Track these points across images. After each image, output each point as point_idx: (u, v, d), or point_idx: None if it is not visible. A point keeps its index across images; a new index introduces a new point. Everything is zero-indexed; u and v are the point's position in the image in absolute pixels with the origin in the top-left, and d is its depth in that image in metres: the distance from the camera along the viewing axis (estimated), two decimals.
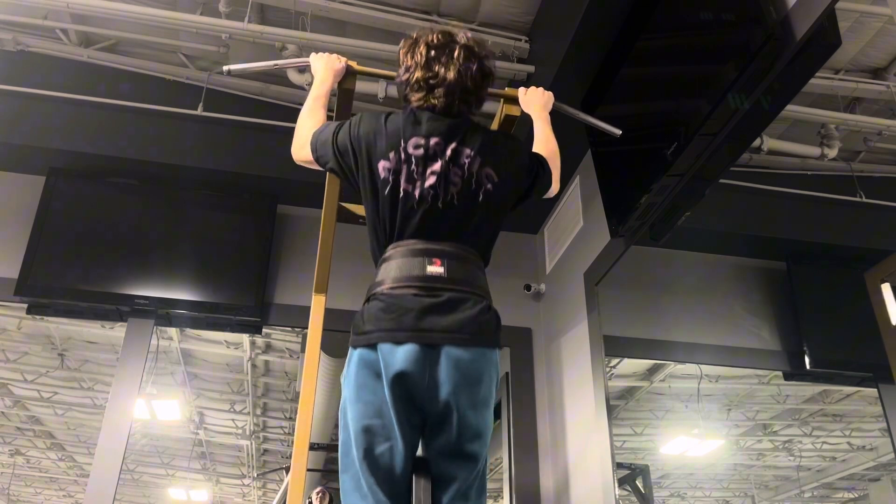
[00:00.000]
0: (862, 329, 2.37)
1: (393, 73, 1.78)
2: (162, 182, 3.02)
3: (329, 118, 1.71)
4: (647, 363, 3.26)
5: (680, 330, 2.88)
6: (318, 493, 5.34)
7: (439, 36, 1.59)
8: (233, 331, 3.03)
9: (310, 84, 1.78)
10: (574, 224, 2.94)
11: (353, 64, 1.82)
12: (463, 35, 1.61)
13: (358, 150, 1.54)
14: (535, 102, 1.85)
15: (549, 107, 1.88)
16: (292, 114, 3.10)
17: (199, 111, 2.99)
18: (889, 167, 2.58)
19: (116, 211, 2.95)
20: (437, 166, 1.50)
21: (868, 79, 2.43)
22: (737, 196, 2.55)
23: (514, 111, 1.88)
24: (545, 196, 1.74)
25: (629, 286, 2.81)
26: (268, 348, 5.32)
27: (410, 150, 1.51)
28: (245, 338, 5.07)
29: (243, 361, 5.49)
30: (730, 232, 2.71)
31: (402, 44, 1.64)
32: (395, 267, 1.47)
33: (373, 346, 1.41)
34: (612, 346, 2.61)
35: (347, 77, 1.81)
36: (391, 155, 1.51)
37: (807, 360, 2.68)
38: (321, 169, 1.66)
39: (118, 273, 2.82)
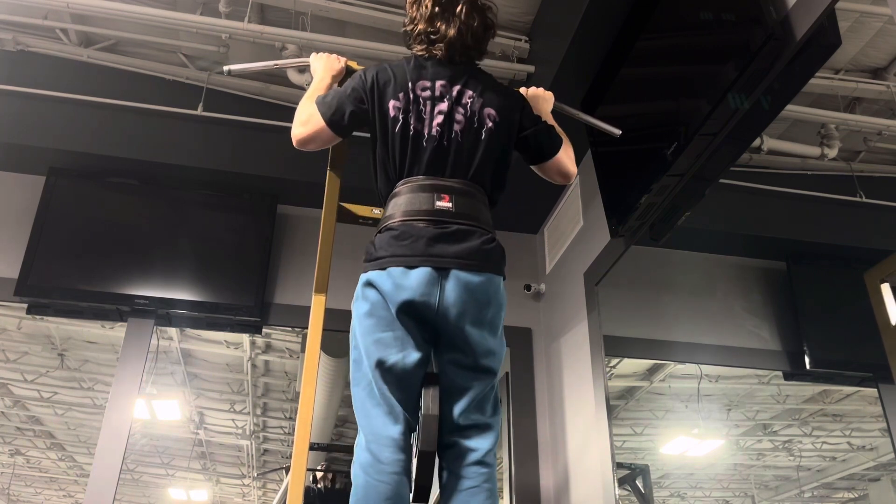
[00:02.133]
0: (862, 329, 2.37)
1: None
2: (162, 182, 3.02)
3: None
4: (647, 363, 3.27)
5: (680, 330, 2.88)
6: (321, 468, 5.32)
7: None
8: (233, 331, 3.03)
9: (309, 84, 1.79)
10: (574, 224, 2.94)
11: (353, 64, 1.83)
12: None
13: (369, 94, 1.61)
14: (536, 103, 1.85)
15: (550, 107, 1.89)
16: (293, 114, 3.09)
17: (199, 111, 2.99)
18: (889, 167, 2.58)
19: (116, 211, 2.95)
20: (443, 106, 1.60)
21: (868, 79, 2.43)
22: (737, 196, 2.55)
23: None
24: (563, 179, 1.76)
25: (629, 286, 2.81)
26: (268, 348, 5.32)
27: (418, 91, 1.60)
28: (245, 338, 5.07)
29: (243, 361, 5.49)
30: (730, 232, 2.71)
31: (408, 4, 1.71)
32: (405, 201, 1.55)
33: (384, 269, 1.50)
34: (612, 346, 2.61)
35: (347, 77, 1.81)
36: (400, 96, 1.60)
37: (807, 360, 2.68)
38: (322, 146, 1.66)
39: (118, 273, 2.82)
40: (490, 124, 1.61)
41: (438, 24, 1.64)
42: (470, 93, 1.62)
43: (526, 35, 2.90)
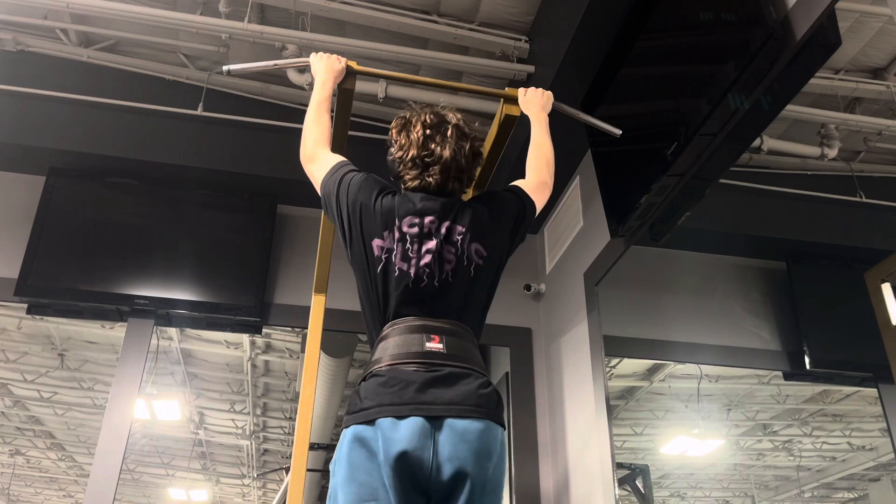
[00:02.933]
0: (862, 329, 2.37)
1: (393, 74, 1.79)
2: (162, 182, 3.02)
3: (330, 118, 1.73)
4: (647, 363, 3.26)
5: (680, 330, 2.88)
6: None
7: (432, 116, 1.60)
8: (233, 331, 3.03)
9: (310, 84, 1.79)
10: (574, 224, 2.94)
11: (353, 64, 1.83)
12: (453, 115, 1.62)
13: (353, 217, 1.54)
14: (535, 103, 1.86)
15: (549, 107, 1.89)
16: (292, 114, 3.11)
17: (199, 111, 2.99)
18: (889, 167, 2.58)
19: (116, 211, 2.95)
20: (431, 244, 1.50)
21: (868, 79, 2.43)
22: (737, 196, 2.55)
23: (514, 111, 1.88)
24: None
25: (629, 286, 2.81)
26: (268, 348, 5.32)
27: (405, 228, 1.51)
28: (245, 338, 5.07)
29: (243, 361, 5.49)
30: (730, 232, 2.70)
31: (393, 122, 1.65)
32: (393, 345, 1.44)
33: (371, 423, 1.35)
34: (612, 346, 2.61)
35: (347, 77, 1.81)
36: (385, 234, 1.51)
37: (807, 360, 2.68)
38: None
39: (118, 273, 2.82)
40: (478, 261, 1.53)
41: (432, 146, 1.56)
42: (460, 228, 1.53)
43: (526, 35, 2.90)
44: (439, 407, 1.35)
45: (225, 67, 1.84)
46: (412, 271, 1.48)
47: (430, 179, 1.56)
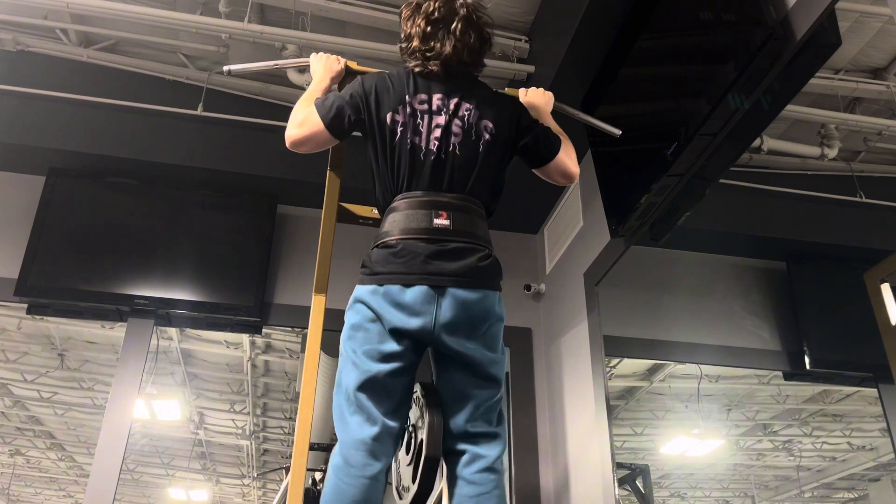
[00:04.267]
0: (862, 329, 2.37)
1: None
2: (162, 182, 3.02)
3: None
4: (647, 363, 3.26)
5: (680, 330, 2.88)
6: (321, 476, 5.33)
7: (440, 7, 1.64)
8: (233, 331, 3.03)
9: (309, 84, 1.79)
10: (574, 224, 2.94)
11: (353, 64, 1.83)
12: (462, 4, 1.66)
13: (366, 103, 1.61)
14: (536, 103, 1.85)
15: (550, 107, 1.89)
16: None
17: (199, 111, 2.99)
18: (889, 167, 2.58)
19: (116, 211, 2.95)
20: (440, 119, 1.59)
21: (868, 79, 2.43)
22: (737, 196, 2.55)
23: None
24: (566, 180, 1.75)
25: (629, 286, 2.81)
26: (268, 348, 5.32)
27: (416, 105, 1.60)
28: (245, 338, 5.07)
29: (243, 361, 5.49)
30: (730, 232, 2.70)
31: (402, 8, 1.71)
32: (403, 218, 1.55)
33: (381, 286, 1.50)
34: (612, 346, 2.61)
35: (346, 77, 1.81)
36: (399, 109, 1.59)
37: (807, 360, 2.68)
38: (316, 148, 1.65)
39: (118, 273, 2.82)
40: (487, 136, 1.61)
41: (433, 42, 1.63)
42: (467, 105, 1.62)
43: (526, 35, 2.90)
44: (443, 277, 1.49)
45: (225, 67, 1.84)
46: (423, 145, 1.57)
47: (433, 68, 1.64)
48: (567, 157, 1.73)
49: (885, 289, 2.18)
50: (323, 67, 1.77)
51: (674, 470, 3.70)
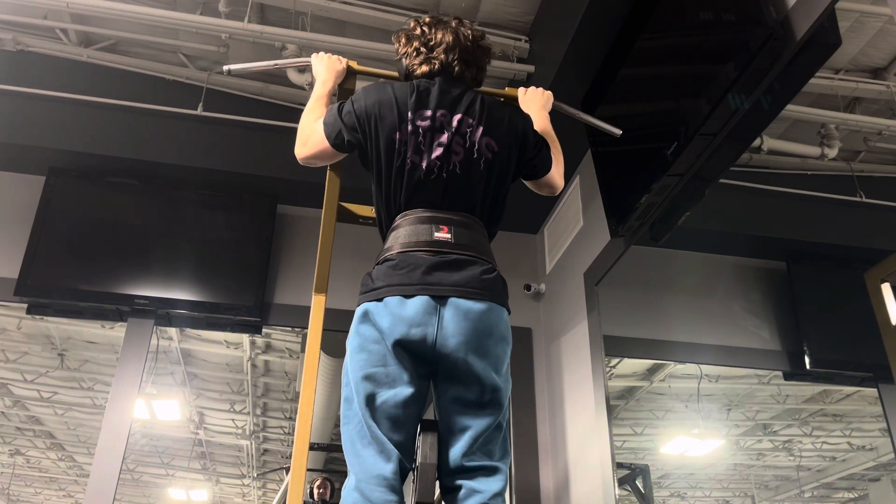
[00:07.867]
0: (862, 329, 2.37)
1: (393, 73, 1.78)
2: (162, 182, 3.02)
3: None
4: (647, 363, 3.27)
5: (680, 330, 2.88)
6: (318, 485, 5.35)
7: (430, 18, 1.70)
8: (233, 331, 3.03)
9: (310, 84, 1.80)
10: (574, 224, 2.94)
11: (354, 64, 1.83)
12: (459, 22, 1.71)
13: (366, 123, 1.58)
14: (535, 102, 1.86)
15: (549, 107, 1.89)
16: (292, 114, 3.11)
17: (199, 111, 2.99)
18: (889, 167, 2.58)
19: (116, 211, 2.95)
20: (443, 138, 1.57)
21: (868, 79, 2.43)
22: (737, 196, 2.55)
23: None
24: (550, 193, 1.75)
25: (629, 286, 2.81)
26: (268, 348, 5.33)
27: (418, 122, 1.57)
28: (245, 338, 5.07)
29: (243, 361, 5.50)
30: (730, 232, 2.70)
31: (394, 37, 1.73)
32: (404, 234, 1.53)
33: (380, 300, 1.46)
34: (612, 346, 2.61)
35: (348, 77, 1.82)
36: (401, 126, 1.56)
37: (807, 360, 2.68)
38: (326, 162, 1.69)
39: (118, 273, 2.82)
40: (489, 155, 1.58)
41: (433, 32, 1.67)
42: (470, 121, 1.58)
43: (526, 35, 2.90)
44: (444, 287, 1.45)
45: (225, 67, 1.83)
46: (424, 164, 1.55)
47: (436, 61, 1.63)
48: (557, 173, 1.73)
49: (886, 289, 2.18)
50: (325, 68, 1.77)
51: (674, 470, 3.70)
